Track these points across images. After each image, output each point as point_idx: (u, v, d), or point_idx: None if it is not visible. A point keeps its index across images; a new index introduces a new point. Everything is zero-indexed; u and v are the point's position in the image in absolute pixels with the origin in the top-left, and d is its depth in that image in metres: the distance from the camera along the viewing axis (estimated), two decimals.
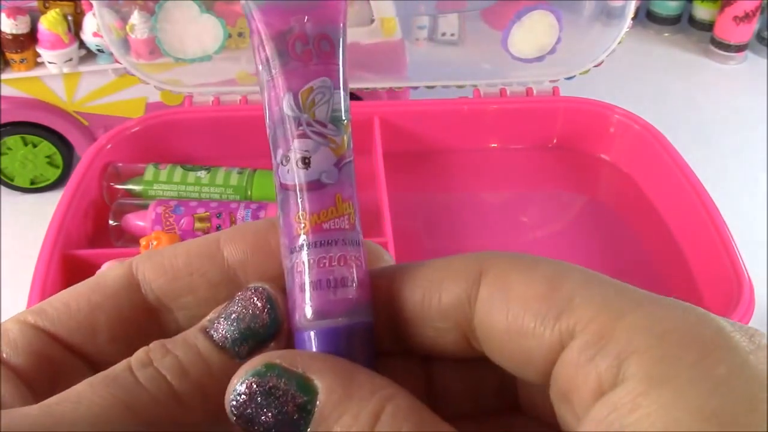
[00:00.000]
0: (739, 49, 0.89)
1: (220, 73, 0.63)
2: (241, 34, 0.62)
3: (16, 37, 0.62)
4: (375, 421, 0.16)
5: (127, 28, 0.60)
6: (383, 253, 0.21)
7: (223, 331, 0.19)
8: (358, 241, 0.20)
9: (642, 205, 0.62)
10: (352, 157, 0.20)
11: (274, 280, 0.20)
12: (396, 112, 0.65)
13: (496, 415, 0.21)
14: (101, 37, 0.60)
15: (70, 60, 0.63)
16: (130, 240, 0.55)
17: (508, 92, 0.65)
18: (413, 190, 0.64)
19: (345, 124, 0.20)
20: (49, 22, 0.61)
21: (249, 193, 0.58)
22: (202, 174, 0.58)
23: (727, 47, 0.89)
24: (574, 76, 0.65)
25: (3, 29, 0.61)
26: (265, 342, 0.19)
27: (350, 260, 0.19)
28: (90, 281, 0.20)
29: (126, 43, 0.61)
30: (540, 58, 0.65)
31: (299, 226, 0.19)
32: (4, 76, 0.63)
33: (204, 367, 0.18)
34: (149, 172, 0.58)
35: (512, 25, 0.63)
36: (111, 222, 0.55)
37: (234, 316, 0.19)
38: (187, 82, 0.64)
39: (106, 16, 0.59)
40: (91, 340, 0.19)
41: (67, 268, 0.51)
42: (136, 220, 0.55)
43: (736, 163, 0.74)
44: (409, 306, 0.19)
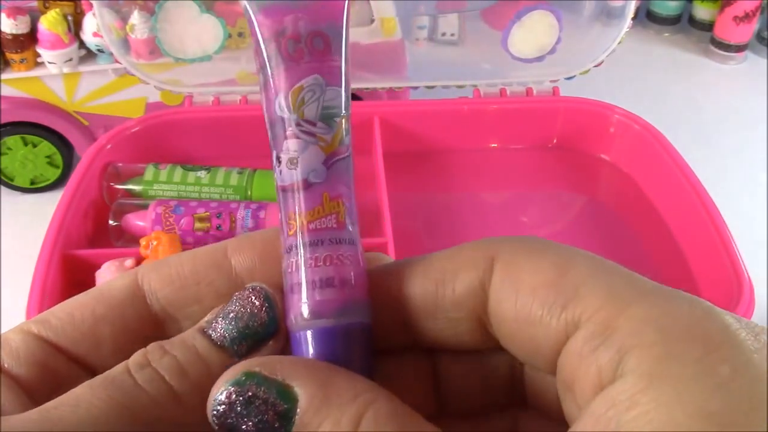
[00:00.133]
0: (739, 49, 0.89)
1: (220, 73, 0.63)
2: (241, 34, 0.62)
3: (16, 37, 0.62)
4: (356, 426, 0.16)
5: (127, 28, 0.60)
6: (383, 258, 0.21)
7: (222, 330, 0.19)
8: (349, 240, 0.20)
9: (642, 205, 0.62)
10: (349, 153, 0.20)
11: (282, 288, 0.20)
12: (396, 112, 0.65)
13: (503, 410, 0.21)
14: (101, 37, 0.60)
15: (70, 60, 0.63)
16: (130, 240, 0.55)
17: (508, 92, 0.65)
18: (413, 190, 0.64)
19: (338, 121, 0.20)
20: (49, 22, 0.61)
21: (249, 193, 0.58)
22: (202, 174, 0.58)
23: (727, 47, 0.89)
24: (574, 76, 0.65)
25: (3, 29, 0.61)
26: (264, 341, 0.19)
27: (337, 260, 0.19)
28: (95, 291, 0.20)
29: (126, 43, 0.61)
30: (540, 58, 0.65)
31: (289, 227, 0.19)
32: (4, 76, 0.63)
33: (203, 366, 0.18)
34: (149, 172, 0.58)
35: (512, 25, 0.63)
36: (111, 222, 0.55)
37: (232, 316, 0.19)
38: (187, 82, 0.64)
39: (106, 16, 0.59)
40: (95, 351, 0.19)
41: (67, 268, 0.51)
42: (136, 220, 0.55)
43: (736, 163, 0.74)
44: (422, 298, 0.19)
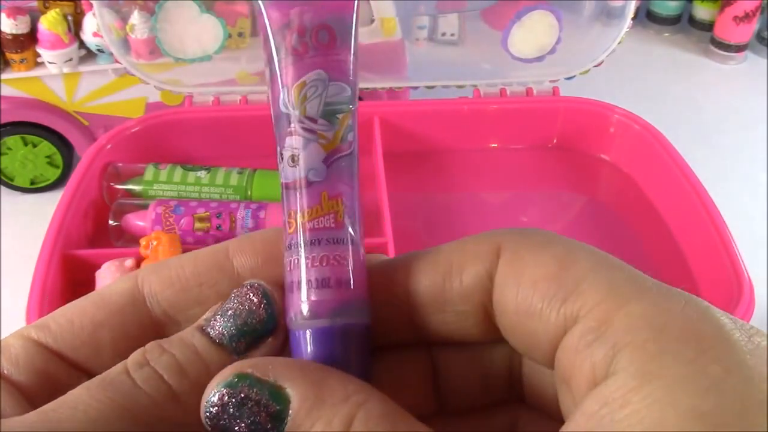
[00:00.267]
0: (739, 49, 0.89)
1: (220, 73, 0.63)
2: (241, 34, 0.62)
3: (16, 37, 0.62)
4: (348, 426, 0.16)
5: (127, 28, 0.60)
6: (382, 258, 0.21)
7: (220, 328, 0.19)
8: (347, 239, 0.19)
9: (642, 205, 0.62)
10: (352, 150, 0.20)
11: (283, 285, 0.20)
12: (396, 112, 0.65)
13: (502, 407, 0.21)
14: (101, 37, 0.60)
15: (70, 60, 0.63)
16: (130, 240, 0.55)
17: (508, 92, 0.65)
18: (413, 190, 0.64)
19: (341, 117, 0.19)
20: (49, 22, 0.61)
21: (249, 193, 0.58)
22: (202, 174, 0.58)
23: (727, 47, 0.89)
24: (574, 76, 0.65)
25: (3, 29, 0.61)
26: (263, 337, 0.19)
27: (334, 260, 0.19)
28: (95, 296, 0.20)
29: (126, 43, 0.61)
30: (540, 58, 0.65)
31: (289, 225, 0.19)
32: (4, 76, 0.63)
33: (202, 365, 0.18)
34: (149, 172, 0.58)
35: (512, 25, 0.63)
36: (111, 222, 0.55)
37: (230, 313, 0.19)
38: (187, 82, 0.64)
39: (106, 16, 0.59)
40: (95, 357, 0.19)
41: (67, 268, 0.51)
42: (136, 220, 0.55)
43: (736, 163, 0.74)
44: (430, 291, 0.19)
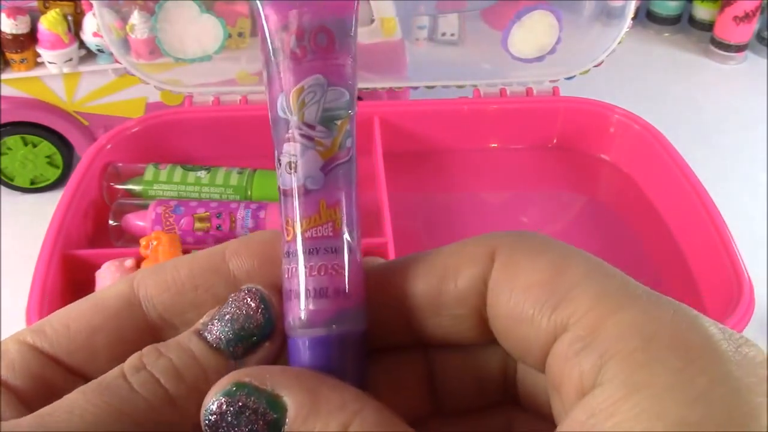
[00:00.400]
0: (739, 49, 0.89)
1: (220, 73, 0.63)
2: (241, 34, 0.62)
3: (16, 37, 0.62)
4: None
5: (127, 28, 0.60)
6: (377, 261, 0.21)
7: (217, 333, 0.19)
8: (345, 248, 0.19)
9: (642, 205, 0.62)
10: (350, 156, 0.20)
11: (280, 290, 0.20)
12: (396, 112, 0.65)
13: (497, 408, 0.21)
14: (101, 37, 0.60)
15: (70, 60, 0.63)
16: (130, 240, 0.55)
17: (508, 92, 0.65)
18: (413, 190, 0.64)
19: (339, 123, 0.19)
20: (49, 22, 0.61)
21: (249, 193, 0.58)
22: (202, 174, 0.58)
23: (727, 47, 0.89)
24: (574, 76, 0.65)
25: (3, 29, 0.61)
26: (260, 342, 0.19)
27: (332, 269, 0.19)
28: (91, 300, 0.20)
29: (126, 43, 0.61)
30: (540, 58, 0.65)
31: (287, 232, 0.19)
32: (4, 76, 0.63)
33: (198, 369, 0.18)
34: (149, 172, 0.58)
35: (512, 25, 0.63)
36: (111, 222, 0.55)
37: (228, 317, 0.19)
38: (187, 82, 0.64)
39: (106, 16, 0.59)
40: (91, 362, 0.19)
41: (67, 268, 0.51)
42: (136, 220, 0.55)
43: (736, 163, 0.74)
44: (426, 295, 0.19)
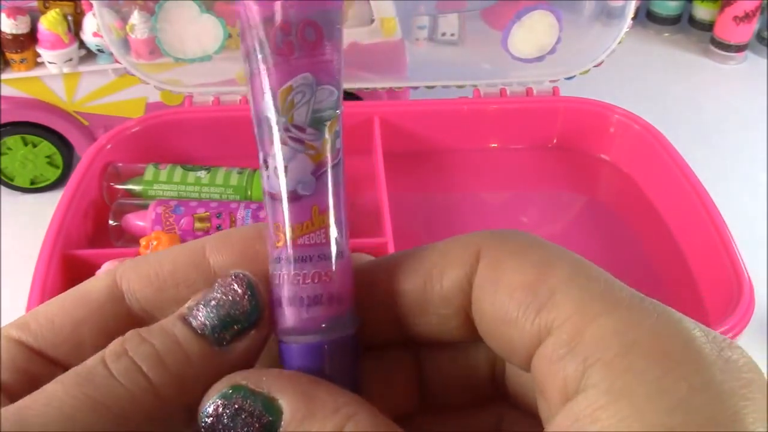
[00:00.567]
0: (739, 49, 0.89)
1: (220, 73, 0.63)
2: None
3: (16, 37, 0.62)
4: None
5: (127, 28, 0.60)
6: (364, 258, 0.21)
7: (203, 318, 0.18)
8: (336, 253, 0.19)
9: (642, 205, 0.62)
10: (339, 158, 0.19)
11: (266, 278, 0.19)
12: (396, 112, 0.65)
13: (487, 406, 0.21)
14: (101, 37, 0.60)
15: (70, 60, 0.63)
16: (130, 240, 0.55)
17: (508, 92, 0.65)
18: (413, 190, 0.64)
19: (329, 124, 0.19)
20: (49, 22, 0.61)
21: (249, 193, 0.58)
22: (202, 174, 0.58)
23: (727, 47, 0.89)
24: (574, 76, 0.65)
25: (3, 29, 0.61)
26: (246, 329, 0.19)
27: (325, 276, 0.19)
28: (75, 293, 0.20)
29: (126, 43, 0.61)
30: (540, 58, 0.65)
31: (276, 239, 0.19)
32: (4, 76, 0.63)
33: (182, 355, 0.18)
34: (149, 172, 0.58)
35: (512, 25, 0.63)
36: (111, 222, 0.55)
37: (213, 303, 0.18)
38: (187, 82, 0.64)
39: (106, 16, 0.59)
40: (76, 354, 0.19)
41: (67, 268, 0.51)
42: (136, 220, 0.55)
43: (736, 163, 0.74)
44: (412, 294, 0.19)
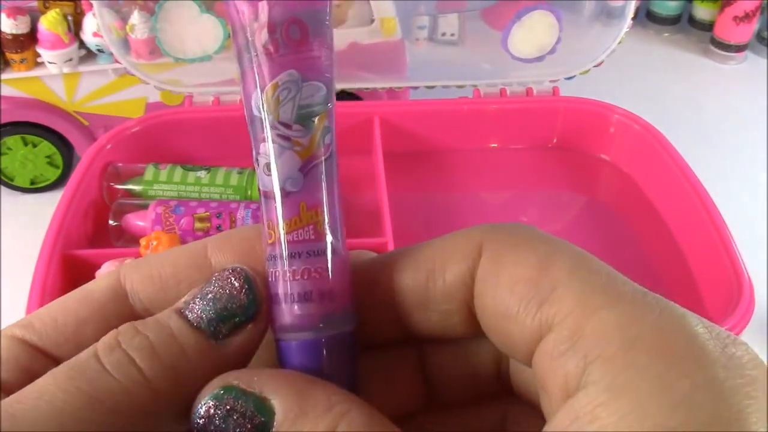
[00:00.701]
0: (739, 49, 0.89)
1: (220, 73, 0.63)
2: None
3: (16, 37, 0.62)
4: None
5: (127, 28, 0.60)
6: (366, 255, 0.21)
7: (199, 311, 0.18)
8: (328, 249, 0.19)
9: (642, 205, 0.62)
10: (330, 153, 0.19)
11: (264, 275, 0.19)
12: (396, 112, 0.65)
13: (492, 400, 0.21)
14: (101, 37, 0.60)
15: (70, 60, 0.63)
16: (130, 240, 0.55)
17: (508, 92, 0.65)
18: (413, 190, 0.64)
19: (316, 120, 0.19)
20: (49, 22, 0.61)
21: (249, 193, 0.58)
22: (202, 174, 0.58)
23: (727, 47, 0.89)
24: (574, 76, 0.65)
25: (3, 29, 0.61)
26: (243, 324, 0.18)
27: (315, 273, 0.19)
28: (78, 293, 0.20)
29: (126, 43, 0.61)
30: (540, 58, 0.65)
31: (269, 236, 0.19)
32: (4, 76, 0.63)
33: (177, 347, 0.18)
34: (149, 172, 0.58)
35: (512, 25, 0.63)
36: (111, 222, 0.55)
37: (210, 296, 0.18)
38: (187, 82, 0.64)
39: (106, 16, 0.59)
40: (79, 353, 0.19)
41: (67, 268, 0.51)
42: (136, 220, 0.55)
43: (736, 163, 0.74)
44: (413, 290, 0.19)
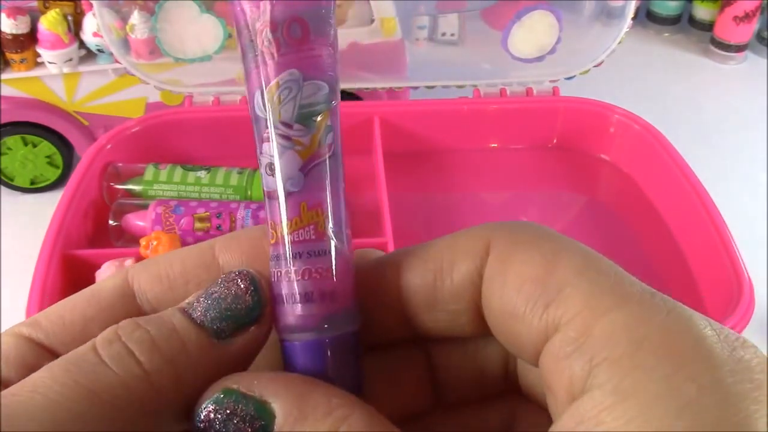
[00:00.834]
0: (739, 49, 0.89)
1: (220, 73, 0.63)
2: None
3: (16, 37, 0.62)
4: None
5: (127, 28, 0.60)
6: (374, 253, 0.21)
7: (203, 310, 0.18)
8: (330, 250, 0.19)
9: (642, 205, 0.62)
10: (333, 152, 0.19)
11: (270, 279, 0.19)
12: (396, 112, 0.65)
13: (500, 399, 0.21)
14: (101, 37, 0.60)
15: (70, 60, 0.63)
16: (130, 240, 0.55)
17: (508, 92, 0.65)
18: (413, 190, 0.64)
19: (317, 119, 0.18)
20: (49, 22, 0.61)
21: (249, 193, 0.58)
22: (202, 174, 0.58)
23: (727, 47, 0.89)
24: (574, 76, 0.65)
25: (3, 29, 0.61)
26: (247, 325, 0.18)
27: (316, 273, 0.18)
28: (86, 292, 0.20)
29: (126, 43, 0.61)
30: (540, 58, 0.65)
31: (271, 236, 0.19)
32: (4, 76, 0.63)
33: (178, 342, 0.17)
34: (149, 172, 0.58)
35: (512, 25, 0.63)
36: (111, 222, 0.55)
37: (215, 296, 0.18)
38: (187, 82, 0.64)
39: (106, 16, 0.59)
40: None
41: (67, 268, 0.51)
42: (136, 220, 0.55)
43: (736, 163, 0.74)
44: (421, 290, 0.19)
